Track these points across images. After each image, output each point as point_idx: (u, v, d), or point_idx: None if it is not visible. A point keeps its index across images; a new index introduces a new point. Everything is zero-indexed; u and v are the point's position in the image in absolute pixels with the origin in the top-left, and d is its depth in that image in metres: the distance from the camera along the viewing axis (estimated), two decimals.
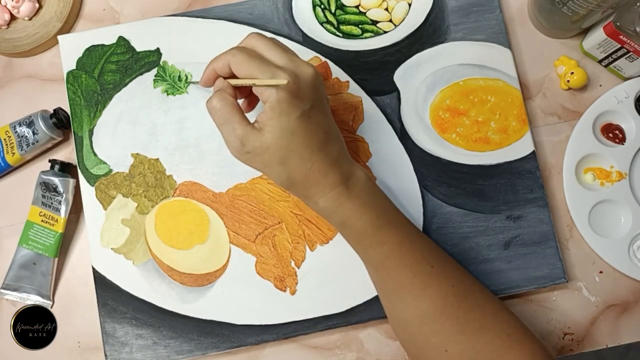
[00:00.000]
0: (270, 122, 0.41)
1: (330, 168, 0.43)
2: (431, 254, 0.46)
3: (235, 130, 0.41)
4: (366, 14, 0.57)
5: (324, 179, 0.43)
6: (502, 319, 0.44)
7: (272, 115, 0.40)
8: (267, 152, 0.41)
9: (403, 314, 0.45)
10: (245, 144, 0.41)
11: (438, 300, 0.43)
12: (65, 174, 0.54)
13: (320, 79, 0.44)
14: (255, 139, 0.41)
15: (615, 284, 0.54)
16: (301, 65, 0.42)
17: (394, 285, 0.45)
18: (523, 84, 0.56)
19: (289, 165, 0.42)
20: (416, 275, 0.44)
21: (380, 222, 0.44)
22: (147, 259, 0.53)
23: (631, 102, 0.54)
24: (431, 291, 0.43)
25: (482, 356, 0.42)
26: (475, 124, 0.55)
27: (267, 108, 0.41)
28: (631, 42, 0.51)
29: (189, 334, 0.52)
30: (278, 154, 0.41)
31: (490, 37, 0.56)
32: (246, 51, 0.42)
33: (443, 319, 0.43)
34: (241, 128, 0.41)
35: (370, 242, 0.44)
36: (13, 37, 0.58)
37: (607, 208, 0.54)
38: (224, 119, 0.42)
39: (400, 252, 0.44)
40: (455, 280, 0.44)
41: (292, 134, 0.41)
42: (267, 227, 0.53)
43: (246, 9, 0.56)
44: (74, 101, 0.55)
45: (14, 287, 0.54)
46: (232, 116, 0.41)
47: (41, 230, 0.53)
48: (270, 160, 0.42)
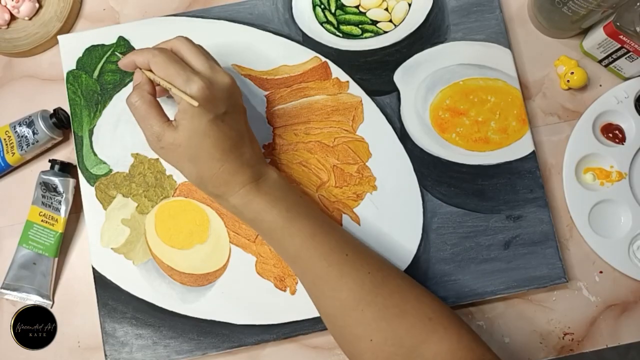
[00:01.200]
0: (182, 122, 0.43)
1: (241, 168, 0.45)
2: (346, 243, 0.46)
3: (152, 127, 0.44)
4: (366, 14, 0.57)
5: (234, 178, 0.45)
6: (424, 303, 0.44)
7: (184, 116, 0.43)
8: (179, 149, 0.44)
9: (326, 308, 0.45)
10: (160, 139, 0.44)
11: (355, 288, 0.43)
12: (65, 174, 0.54)
13: (237, 89, 0.46)
14: (170, 135, 0.43)
15: (615, 284, 0.54)
16: (219, 74, 0.44)
17: (312, 277, 0.45)
18: (523, 84, 0.56)
19: (199, 163, 0.44)
20: (331, 265, 0.44)
21: (291, 215, 0.45)
22: (147, 259, 0.53)
23: (631, 102, 0.54)
24: (347, 280, 0.44)
25: (406, 341, 0.42)
26: (475, 124, 0.55)
27: (181, 109, 0.43)
28: (631, 42, 0.51)
29: (188, 334, 0.52)
30: (189, 152, 0.44)
31: (490, 37, 0.56)
32: (167, 53, 0.44)
33: (362, 307, 0.43)
34: (158, 125, 0.44)
35: (283, 234, 0.45)
36: (13, 37, 0.58)
37: (607, 208, 0.54)
38: (142, 116, 0.44)
39: (314, 242, 0.45)
40: (372, 268, 0.45)
41: (203, 134, 0.43)
42: None
43: (246, 9, 0.56)
44: (74, 101, 0.55)
45: (14, 287, 0.54)
46: (150, 113, 0.44)
47: (41, 230, 0.53)
48: (182, 157, 0.44)
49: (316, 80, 0.55)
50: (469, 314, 0.53)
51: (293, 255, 0.46)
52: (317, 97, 0.55)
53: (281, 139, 0.54)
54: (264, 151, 0.54)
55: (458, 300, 0.52)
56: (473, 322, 0.53)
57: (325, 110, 0.55)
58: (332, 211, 0.53)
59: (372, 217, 0.53)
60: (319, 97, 0.55)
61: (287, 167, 0.54)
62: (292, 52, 0.56)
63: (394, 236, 0.52)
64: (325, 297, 0.45)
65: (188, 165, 0.44)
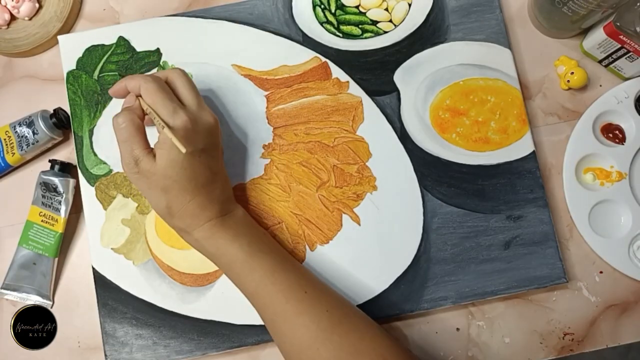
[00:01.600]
0: (160, 152, 0.44)
1: (210, 203, 0.46)
2: (306, 280, 0.46)
3: (133, 150, 0.44)
4: (366, 14, 0.57)
5: (201, 212, 0.45)
6: (379, 344, 0.44)
7: (163, 146, 0.44)
8: (153, 177, 0.44)
9: (283, 345, 0.45)
10: (138, 164, 0.44)
11: (312, 326, 0.43)
12: (65, 174, 0.54)
13: (218, 130, 0.48)
14: (147, 162, 0.44)
15: (616, 284, 0.54)
16: (204, 112, 0.46)
17: (270, 314, 0.45)
18: (523, 84, 0.56)
19: (170, 194, 0.44)
20: (289, 302, 0.44)
21: (252, 250, 0.46)
22: (147, 259, 0.53)
23: (631, 102, 0.54)
24: (305, 317, 0.44)
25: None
26: (475, 124, 0.55)
27: (161, 139, 0.44)
28: (631, 42, 0.51)
29: (189, 334, 0.52)
30: (163, 181, 0.44)
31: (490, 37, 0.56)
32: (159, 82, 0.45)
33: (317, 345, 0.43)
34: (139, 150, 0.44)
35: (243, 269, 0.46)
36: (13, 37, 0.58)
37: (607, 208, 0.54)
38: (125, 138, 0.44)
39: (273, 279, 0.45)
40: (331, 306, 0.45)
41: (179, 167, 0.44)
42: (267, 227, 0.53)
43: (246, 9, 0.56)
44: (74, 101, 0.55)
45: (14, 287, 0.54)
46: (134, 137, 0.44)
47: (41, 230, 0.53)
48: (155, 185, 0.44)
49: (316, 80, 0.55)
50: (469, 314, 0.53)
51: (252, 291, 0.46)
52: (317, 97, 0.55)
53: (281, 139, 0.54)
54: (264, 151, 0.54)
55: (458, 300, 0.52)
56: (473, 322, 0.53)
57: (325, 110, 0.55)
58: (333, 211, 0.53)
59: (372, 217, 0.53)
60: (319, 97, 0.55)
61: (287, 167, 0.54)
62: (292, 52, 0.56)
63: (394, 236, 0.52)
64: (282, 335, 0.45)
65: (158, 194, 0.45)
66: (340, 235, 0.53)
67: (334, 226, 0.53)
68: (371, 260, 0.52)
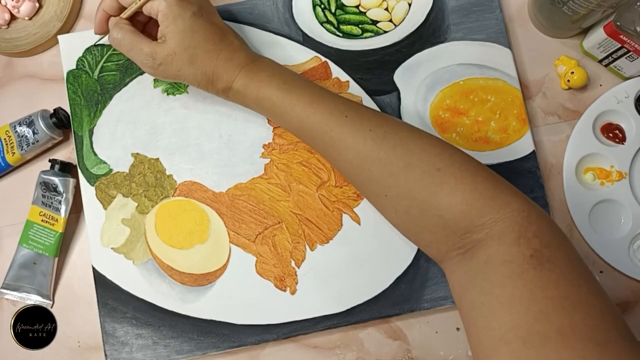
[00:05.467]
0: (168, 30, 0.45)
1: (235, 53, 0.47)
2: (345, 106, 0.46)
3: (142, 50, 0.46)
4: (366, 14, 0.57)
5: (231, 63, 0.47)
6: (431, 154, 0.42)
7: (167, 22, 0.45)
8: (175, 57, 0.45)
9: (340, 170, 0.46)
10: (155, 57, 0.46)
11: (358, 148, 0.43)
12: (65, 174, 0.54)
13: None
14: (162, 49, 0.45)
15: (616, 284, 0.54)
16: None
17: (320, 143, 0.46)
18: (523, 84, 0.56)
19: (198, 61, 0.46)
20: (332, 128, 0.44)
21: (288, 87, 0.46)
22: (147, 259, 0.53)
23: (631, 101, 0.54)
24: (349, 140, 0.44)
25: (416, 195, 0.41)
26: (475, 124, 0.55)
27: (161, 18, 0.45)
28: (631, 41, 0.51)
29: (189, 334, 0.52)
30: (186, 54, 0.45)
31: (490, 37, 0.56)
32: None
33: (368, 166, 0.43)
34: (147, 46, 0.46)
35: (285, 107, 0.46)
36: (13, 36, 0.58)
37: (607, 208, 0.54)
38: (130, 45, 0.46)
39: (312, 109, 0.45)
40: (373, 125, 0.44)
41: (191, 32, 0.45)
42: (267, 227, 0.53)
43: (246, 8, 0.56)
44: (74, 101, 0.55)
45: (14, 286, 0.54)
46: (135, 39, 0.46)
47: (41, 229, 0.53)
48: (181, 63, 0.46)
49: (316, 80, 0.55)
50: None
51: (298, 126, 0.46)
52: None
53: (281, 139, 0.54)
54: (264, 151, 0.54)
55: None
56: None
57: None
58: (333, 211, 0.53)
59: (373, 217, 0.53)
60: None
61: (287, 167, 0.54)
62: (292, 52, 0.56)
63: (394, 236, 0.52)
64: (336, 161, 0.46)
65: (189, 68, 0.46)
66: (340, 235, 0.53)
67: (334, 226, 0.53)
68: (371, 260, 0.52)
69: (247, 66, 0.47)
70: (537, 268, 0.35)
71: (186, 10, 0.45)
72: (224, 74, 0.47)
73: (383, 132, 0.43)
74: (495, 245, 0.37)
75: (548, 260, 0.35)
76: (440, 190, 0.40)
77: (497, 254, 0.37)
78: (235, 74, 0.47)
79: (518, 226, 0.37)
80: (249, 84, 0.47)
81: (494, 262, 0.37)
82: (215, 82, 0.47)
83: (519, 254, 0.36)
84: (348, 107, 0.45)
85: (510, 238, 0.37)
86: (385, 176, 0.42)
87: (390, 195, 0.42)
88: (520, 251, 0.36)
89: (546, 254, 0.36)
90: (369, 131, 0.43)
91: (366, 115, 0.45)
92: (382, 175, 0.42)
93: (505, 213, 0.38)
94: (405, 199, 0.42)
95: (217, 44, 0.46)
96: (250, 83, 0.47)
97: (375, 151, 0.43)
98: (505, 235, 0.37)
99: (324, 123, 0.45)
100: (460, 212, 0.39)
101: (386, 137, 0.43)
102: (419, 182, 0.41)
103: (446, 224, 0.40)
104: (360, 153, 0.43)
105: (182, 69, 0.46)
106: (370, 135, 0.43)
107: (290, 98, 0.46)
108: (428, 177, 0.41)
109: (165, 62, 0.46)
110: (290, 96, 0.46)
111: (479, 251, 0.38)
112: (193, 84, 0.48)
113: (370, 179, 0.43)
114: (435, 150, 0.42)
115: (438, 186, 0.40)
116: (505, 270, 0.36)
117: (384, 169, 0.42)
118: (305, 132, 0.46)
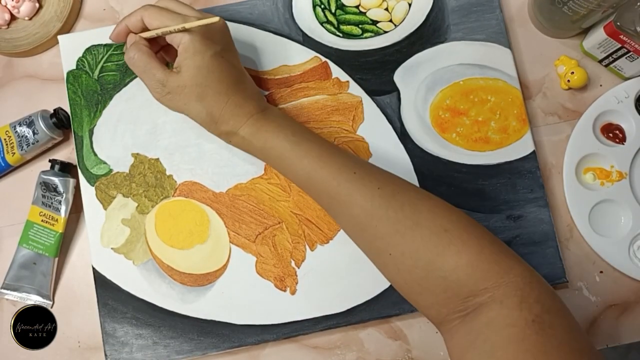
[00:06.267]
0: (185, 62, 0.44)
1: (245, 101, 0.46)
2: (353, 162, 0.46)
3: (155, 75, 0.45)
4: (366, 14, 0.57)
5: (241, 110, 0.46)
6: (438, 215, 0.42)
7: (186, 55, 0.44)
8: (185, 90, 0.45)
9: (344, 226, 0.46)
10: (165, 85, 0.45)
11: (365, 205, 0.43)
12: (65, 174, 0.54)
13: (228, 30, 0.48)
14: (174, 79, 0.45)
15: (616, 284, 0.54)
16: (208, 16, 0.45)
17: (326, 198, 0.45)
18: (523, 84, 0.56)
19: (207, 101, 0.45)
20: (340, 183, 0.44)
21: (297, 139, 0.46)
22: (147, 259, 0.53)
23: (631, 101, 0.54)
24: (357, 196, 0.43)
25: (422, 255, 0.41)
26: (475, 124, 0.55)
27: (182, 50, 0.45)
28: (631, 41, 0.51)
29: (189, 334, 0.52)
30: (195, 90, 0.45)
31: (490, 37, 0.56)
32: (157, 6, 0.46)
33: (375, 223, 0.43)
34: (160, 72, 0.45)
35: (292, 159, 0.46)
36: (13, 37, 0.58)
37: (607, 208, 0.54)
38: (143, 68, 0.45)
39: (321, 163, 0.45)
40: (382, 183, 0.44)
41: (207, 70, 0.44)
42: (267, 227, 0.53)
43: (246, 8, 0.56)
44: (74, 101, 0.55)
45: (14, 287, 0.54)
46: (150, 63, 0.45)
47: (41, 230, 0.53)
48: (189, 97, 0.45)
49: (316, 80, 0.55)
50: None
51: (304, 178, 0.46)
52: (317, 97, 0.55)
53: None
54: None
55: None
56: None
57: (325, 110, 0.55)
58: None
59: None
60: (319, 97, 0.55)
61: None
62: (292, 52, 0.56)
63: None
64: (341, 216, 0.45)
65: (196, 105, 0.45)
66: (340, 235, 0.53)
67: (334, 226, 0.53)
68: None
69: (255, 115, 0.46)
70: (539, 333, 0.35)
71: (209, 48, 0.44)
72: (231, 119, 0.46)
73: (391, 191, 0.44)
74: (498, 308, 0.38)
75: (550, 327, 0.36)
76: (447, 251, 0.40)
77: (499, 317, 0.37)
78: (243, 121, 0.46)
79: (520, 291, 0.38)
80: (256, 133, 0.46)
81: (496, 325, 0.37)
82: (219, 125, 0.46)
83: (521, 319, 0.36)
84: (356, 164, 0.46)
85: (513, 302, 0.37)
86: (392, 234, 0.42)
87: (394, 253, 0.42)
88: (523, 316, 0.36)
89: (547, 320, 0.36)
90: (377, 189, 0.43)
91: (374, 173, 0.45)
92: (389, 233, 0.42)
93: (508, 278, 0.39)
94: (410, 258, 0.41)
95: (230, 87, 0.46)
96: (257, 132, 0.46)
97: (383, 209, 0.42)
98: (507, 299, 0.38)
99: (332, 177, 0.44)
100: (465, 274, 0.39)
101: (394, 196, 0.43)
102: (426, 241, 0.41)
103: (449, 285, 0.40)
104: (367, 210, 0.43)
105: (188, 103, 0.46)
106: (378, 193, 0.43)
107: (299, 150, 0.45)
108: (435, 237, 0.41)
109: (174, 92, 0.45)
110: (299, 148, 0.45)
111: (480, 314, 0.38)
112: (196, 120, 0.47)
113: (375, 236, 0.43)
114: (443, 212, 0.43)
115: (445, 247, 0.40)
116: (507, 334, 0.36)
117: (391, 226, 0.42)
118: (312, 185, 0.46)
